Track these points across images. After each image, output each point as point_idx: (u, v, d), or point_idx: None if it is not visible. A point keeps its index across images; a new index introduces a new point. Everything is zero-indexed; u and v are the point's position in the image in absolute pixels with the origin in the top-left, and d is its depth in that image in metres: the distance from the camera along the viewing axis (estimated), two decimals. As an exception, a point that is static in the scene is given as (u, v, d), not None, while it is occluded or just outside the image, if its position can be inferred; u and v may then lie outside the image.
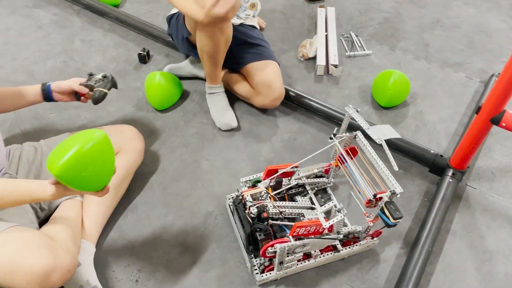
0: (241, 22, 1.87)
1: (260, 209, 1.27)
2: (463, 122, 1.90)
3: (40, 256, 1.04)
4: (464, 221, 1.55)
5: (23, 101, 1.39)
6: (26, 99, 1.39)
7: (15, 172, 1.26)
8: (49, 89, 1.40)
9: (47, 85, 1.40)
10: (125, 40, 2.27)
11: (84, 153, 0.98)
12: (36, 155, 1.32)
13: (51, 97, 1.41)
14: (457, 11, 2.58)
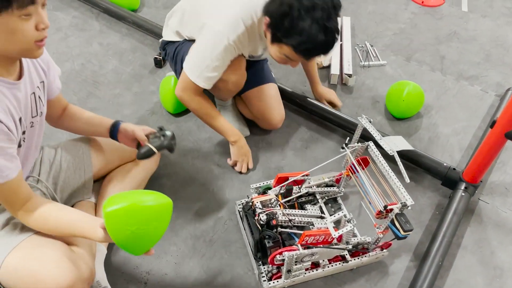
0: None
1: (269, 216, 1.27)
2: (477, 135, 1.88)
3: (64, 270, 1.05)
4: (475, 236, 1.53)
5: (98, 129, 1.39)
6: (99, 129, 1.39)
7: (37, 174, 1.28)
8: (117, 128, 1.36)
9: (117, 123, 1.37)
10: (142, 45, 2.30)
11: (137, 209, 0.95)
12: (56, 156, 1.34)
13: (115, 136, 1.38)
14: (474, 24, 2.57)
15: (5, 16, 0.88)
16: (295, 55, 1.37)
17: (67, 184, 1.33)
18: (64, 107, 1.35)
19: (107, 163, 1.42)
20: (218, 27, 1.43)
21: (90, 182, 1.39)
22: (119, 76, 2.11)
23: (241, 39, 1.44)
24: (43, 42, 0.98)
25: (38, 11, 0.92)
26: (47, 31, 0.96)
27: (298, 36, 1.30)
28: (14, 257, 1.07)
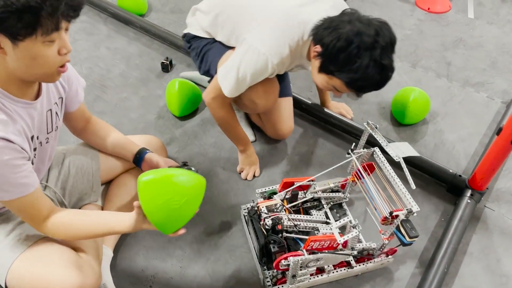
0: None
1: (275, 221, 1.28)
2: (483, 142, 1.88)
3: (71, 275, 1.06)
4: (481, 243, 1.52)
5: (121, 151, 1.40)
6: (123, 152, 1.40)
7: (45, 180, 1.30)
8: (143, 157, 1.37)
9: (143, 152, 1.38)
10: (149, 49, 2.32)
11: (171, 182, 0.99)
12: (65, 162, 1.35)
13: (140, 165, 1.38)
14: (480, 31, 2.57)
15: (28, 42, 0.88)
16: (345, 89, 1.33)
17: (75, 188, 1.34)
18: (87, 119, 1.36)
19: (115, 167, 1.43)
20: (262, 48, 1.35)
21: (98, 186, 1.39)
22: (126, 80, 2.13)
23: (284, 61, 1.39)
24: (65, 68, 0.98)
25: (61, 36, 0.92)
26: (69, 55, 0.96)
27: (353, 73, 1.25)
28: (21, 263, 1.08)
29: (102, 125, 1.40)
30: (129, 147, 1.40)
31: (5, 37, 0.87)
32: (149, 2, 2.64)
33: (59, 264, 1.08)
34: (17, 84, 0.98)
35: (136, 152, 1.38)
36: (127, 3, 2.51)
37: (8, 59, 0.91)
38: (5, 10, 0.83)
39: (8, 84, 0.97)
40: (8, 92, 0.97)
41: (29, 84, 1.02)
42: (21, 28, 0.85)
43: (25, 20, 0.85)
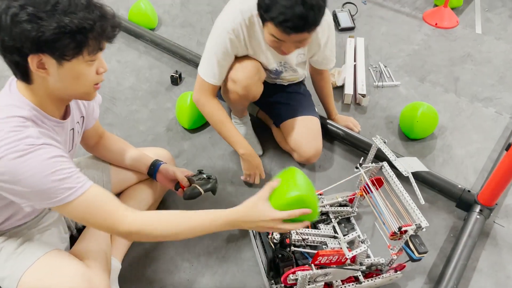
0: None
1: (283, 235, 1.28)
2: (492, 157, 1.87)
3: (78, 286, 1.06)
4: (490, 260, 1.51)
5: (135, 164, 1.43)
6: (136, 164, 1.43)
7: None
8: (157, 168, 1.40)
9: (158, 163, 1.41)
10: (159, 62, 2.35)
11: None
12: None
13: (154, 176, 1.42)
14: (488, 46, 2.58)
15: (75, 62, 0.92)
16: (277, 31, 1.32)
17: None
18: (100, 135, 1.39)
19: (126, 180, 1.45)
20: (220, 21, 1.50)
21: None
22: (136, 92, 2.15)
23: (239, 29, 1.47)
24: (99, 85, 1.03)
25: (99, 56, 0.98)
26: (108, 71, 1.02)
27: (276, 8, 1.27)
28: (31, 276, 1.08)
29: (114, 140, 1.43)
30: (143, 160, 1.42)
31: (51, 58, 0.91)
32: (159, 17, 2.69)
33: (68, 276, 1.08)
34: (53, 104, 1.02)
35: (151, 164, 1.41)
36: (137, 18, 2.55)
37: (50, 79, 0.95)
38: (59, 31, 0.87)
39: (45, 103, 1.00)
40: (44, 111, 1.01)
41: (63, 104, 1.06)
42: (71, 48, 0.90)
43: (76, 40, 0.89)
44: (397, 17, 2.83)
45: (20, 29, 0.86)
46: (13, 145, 0.90)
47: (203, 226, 1.06)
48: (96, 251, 1.23)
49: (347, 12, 2.72)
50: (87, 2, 0.90)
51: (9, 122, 0.93)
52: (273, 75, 1.73)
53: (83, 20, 0.88)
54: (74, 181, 0.96)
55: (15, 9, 0.85)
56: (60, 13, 0.87)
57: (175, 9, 2.80)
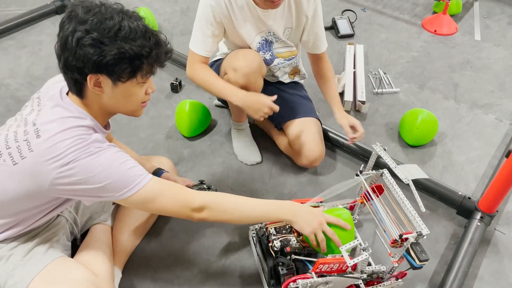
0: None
1: (283, 243, 1.27)
2: (493, 164, 1.87)
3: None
4: (492, 267, 1.50)
5: None
6: None
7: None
8: (159, 177, 1.40)
9: (160, 172, 1.46)
10: (159, 70, 2.33)
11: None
12: None
13: None
14: (487, 52, 2.58)
15: (129, 83, 1.01)
16: None
17: (87, 208, 1.35)
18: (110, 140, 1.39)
19: None
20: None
21: (109, 206, 1.41)
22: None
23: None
24: (146, 103, 1.12)
25: (150, 79, 1.07)
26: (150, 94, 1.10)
27: None
28: (38, 283, 1.08)
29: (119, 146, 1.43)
30: (146, 167, 1.41)
31: (108, 78, 0.99)
32: (159, 24, 2.70)
33: (76, 282, 1.08)
34: (102, 116, 1.10)
35: (153, 172, 1.43)
36: (138, 25, 2.56)
37: (104, 96, 1.03)
38: (119, 57, 0.95)
39: (96, 115, 1.08)
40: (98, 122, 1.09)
41: (109, 117, 1.14)
42: (127, 72, 0.98)
43: (133, 65, 0.98)
44: (396, 24, 2.85)
45: (83, 52, 0.95)
46: (84, 149, 0.98)
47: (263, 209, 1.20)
48: (102, 259, 1.23)
49: (346, 19, 2.73)
50: (144, 30, 0.99)
51: (76, 131, 1.00)
52: (269, 59, 1.69)
53: (141, 47, 0.97)
54: (141, 169, 1.07)
55: (81, 33, 0.95)
56: (121, 39, 0.95)
57: (175, 17, 2.82)
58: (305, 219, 1.20)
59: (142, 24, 1.00)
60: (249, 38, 1.61)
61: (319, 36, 1.69)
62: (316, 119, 1.79)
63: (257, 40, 1.62)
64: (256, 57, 1.60)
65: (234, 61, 1.57)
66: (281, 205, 1.22)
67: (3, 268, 1.11)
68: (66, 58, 0.98)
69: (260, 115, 1.54)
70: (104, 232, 1.36)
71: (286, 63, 1.74)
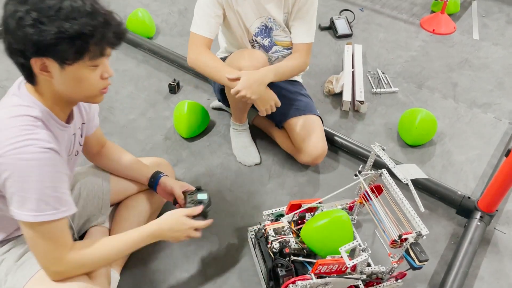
0: None
1: (282, 244, 1.26)
2: (492, 163, 1.87)
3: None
4: (492, 267, 1.50)
5: (135, 174, 1.43)
6: (136, 175, 1.43)
7: None
8: (158, 181, 1.41)
9: (158, 175, 1.42)
10: (157, 71, 2.35)
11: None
12: (76, 185, 1.35)
13: (155, 188, 1.42)
14: (486, 52, 2.58)
15: (76, 66, 0.94)
16: None
17: (85, 210, 1.34)
18: (102, 144, 1.40)
19: (126, 189, 1.44)
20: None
21: (107, 208, 1.40)
22: (134, 101, 2.15)
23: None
24: (106, 90, 1.05)
25: (104, 62, 1.00)
26: (109, 79, 1.04)
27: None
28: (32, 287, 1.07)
29: (115, 149, 1.43)
30: (143, 171, 1.43)
31: (54, 61, 0.93)
32: (157, 25, 2.69)
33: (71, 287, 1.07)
34: (59, 106, 1.04)
35: (151, 176, 1.41)
36: (135, 27, 2.56)
37: (54, 81, 0.97)
38: (59, 36, 0.89)
39: (52, 106, 1.02)
40: (53, 113, 1.03)
41: (68, 107, 1.08)
42: (71, 53, 0.92)
43: (76, 46, 0.91)
44: (394, 24, 2.84)
45: (23, 33, 0.89)
46: (22, 144, 0.92)
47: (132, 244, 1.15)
48: None
49: (344, 19, 2.72)
50: (91, 9, 0.92)
51: (21, 120, 0.95)
52: (267, 45, 1.68)
53: (83, 26, 0.90)
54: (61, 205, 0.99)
55: (21, 13, 0.89)
56: (62, 18, 0.89)
57: (173, 18, 2.81)
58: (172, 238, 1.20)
59: (90, 3, 0.92)
60: (248, 21, 1.60)
61: (307, 22, 1.63)
62: (318, 116, 1.79)
63: (256, 24, 1.62)
64: (262, 56, 1.59)
65: (240, 60, 1.56)
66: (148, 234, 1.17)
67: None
68: (9, 42, 0.93)
69: (267, 107, 1.56)
70: (101, 234, 1.36)
71: (285, 52, 1.73)
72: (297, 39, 1.67)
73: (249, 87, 1.46)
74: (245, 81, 1.46)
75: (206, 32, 1.56)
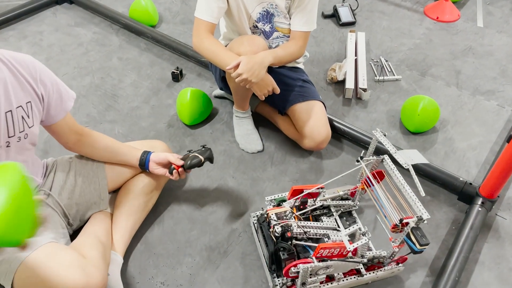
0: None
1: (284, 228, 1.28)
2: (494, 150, 1.87)
3: (73, 275, 1.08)
4: (493, 252, 1.51)
5: (123, 158, 1.43)
6: (125, 158, 1.43)
7: (48, 188, 1.32)
8: (148, 158, 1.42)
9: (148, 153, 1.42)
10: (160, 59, 2.35)
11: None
12: (70, 172, 1.37)
13: (147, 166, 1.42)
14: (490, 39, 2.56)
15: None
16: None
17: (82, 198, 1.36)
18: (77, 132, 1.34)
19: (122, 174, 1.45)
20: None
21: (106, 194, 1.41)
22: (137, 89, 2.16)
23: None
24: None
25: None
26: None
27: None
28: (26, 267, 1.09)
29: (98, 137, 1.40)
30: (132, 153, 1.43)
31: None
32: (160, 14, 2.69)
33: (63, 265, 1.10)
34: None
35: (140, 155, 1.42)
36: (138, 15, 2.55)
37: None
38: None
39: None
40: None
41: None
42: None
43: None
44: (398, 11, 2.82)
45: None
46: None
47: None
48: (92, 242, 1.24)
49: (347, 7, 2.71)
50: None
51: None
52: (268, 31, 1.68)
53: None
54: None
55: None
56: None
57: (176, 6, 2.81)
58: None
59: None
60: (250, 6, 1.61)
61: (307, 10, 1.63)
62: (321, 102, 1.79)
63: (258, 10, 1.62)
64: (261, 42, 1.59)
65: (240, 46, 1.57)
66: None
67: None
68: None
69: (264, 92, 1.57)
70: (101, 218, 1.38)
71: (285, 38, 1.73)
72: (295, 27, 1.68)
73: (249, 70, 1.47)
74: (246, 64, 1.47)
75: (208, 17, 1.57)
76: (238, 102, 1.83)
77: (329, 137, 1.75)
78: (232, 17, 1.66)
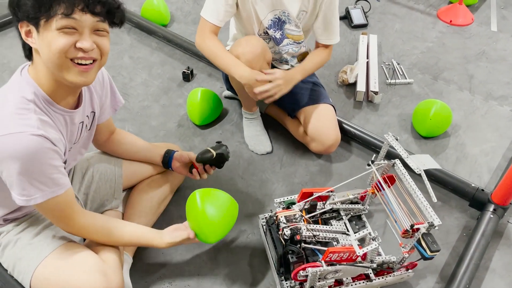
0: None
1: (293, 231, 1.27)
2: (507, 156, 1.84)
3: (94, 280, 1.08)
4: (504, 260, 1.49)
5: (147, 155, 1.46)
6: (149, 155, 1.46)
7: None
8: (172, 156, 1.44)
9: (172, 151, 1.45)
10: (171, 59, 2.36)
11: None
12: (89, 168, 1.38)
13: (170, 164, 1.45)
14: (503, 44, 2.53)
15: (48, 28, 0.92)
16: None
17: (97, 194, 1.37)
18: (111, 132, 1.41)
19: (137, 174, 1.46)
20: None
21: (120, 192, 1.42)
22: (148, 88, 2.16)
23: None
24: (85, 68, 0.98)
25: (83, 32, 0.95)
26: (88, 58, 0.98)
27: None
28: (46, 267, 1.09)
29: (126, 134, 1.46)
30: (156, 150, 1.46)
31: (32, 25, 0.93)
32: (171, 13, 2.69)
33: (84, 269, 1.09)
34: (63, 90, 1.03)
35: (165, 152, 1.44)
36: (150, 14, 2.56)
37: (40, 52, 0.96)
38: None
39: (55, 90, 1.01)
40: (52, 98, 1.02)
41: (71, 91, 1.06)
42: (36, 9, 0.90)
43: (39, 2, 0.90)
44: (411, 14, 2.80)
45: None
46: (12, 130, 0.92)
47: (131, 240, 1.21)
48: (112, 248, 1.23)
49: (360, 9, 2.69)
50: None
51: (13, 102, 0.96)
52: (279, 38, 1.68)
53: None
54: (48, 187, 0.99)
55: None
56: None
57: (188, 5, 2.81)
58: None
59: None
60: (262, 13, 1.60)
61: (331, 24, 1.66)
62: (331, 105, 1.78)
63: (270, 17, 1.62)
64: (259, 42, 1.59)
65: (238, 48, 1.57)
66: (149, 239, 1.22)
67: (11, 252, 1.13)
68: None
69: (263, 96, 1.56)
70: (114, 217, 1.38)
71: (295, 45, 1.73)
72: (322, 41, 1.72)
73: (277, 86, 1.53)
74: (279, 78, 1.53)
75: (214, 19, 1.57)
76: (245, 103, 1.83)
77: (338, 141, 1.74)
78: (242, 22, 1.66)
